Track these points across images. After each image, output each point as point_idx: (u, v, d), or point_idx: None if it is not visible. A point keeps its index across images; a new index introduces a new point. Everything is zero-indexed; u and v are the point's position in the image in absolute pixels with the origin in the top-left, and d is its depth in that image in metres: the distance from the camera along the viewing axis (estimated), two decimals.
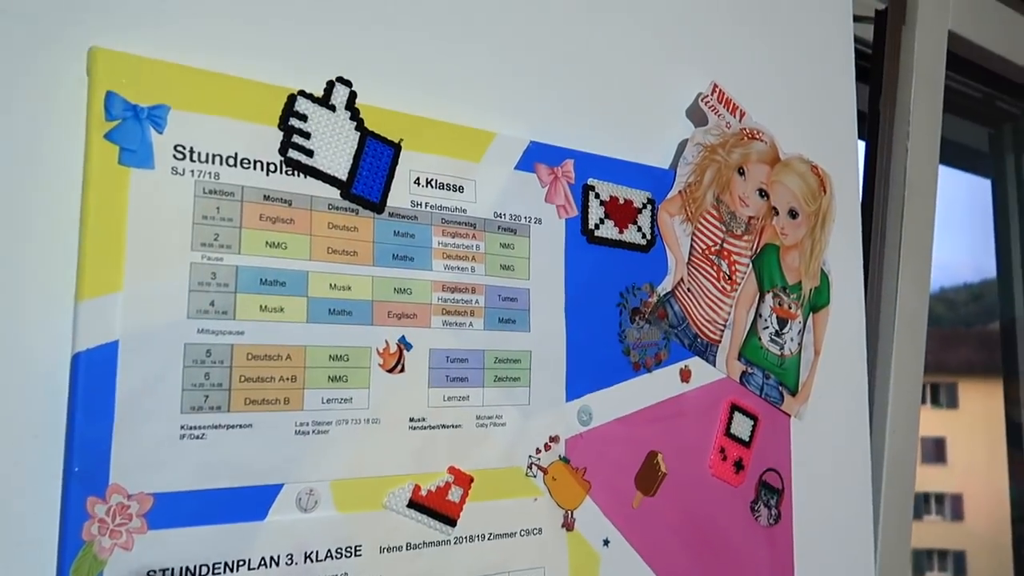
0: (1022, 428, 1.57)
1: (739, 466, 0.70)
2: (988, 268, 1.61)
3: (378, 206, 0.52)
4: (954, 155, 1.58)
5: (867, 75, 1.03)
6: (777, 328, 0.74)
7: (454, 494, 0.53)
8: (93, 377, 0.42)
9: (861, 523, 0.80)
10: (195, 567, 0.44)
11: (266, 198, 0.48)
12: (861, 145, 1.01)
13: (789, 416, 0.74)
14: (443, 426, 0.53)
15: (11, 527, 0.41)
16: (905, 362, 0.91)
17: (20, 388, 0.41)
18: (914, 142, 0.97)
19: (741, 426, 0.70)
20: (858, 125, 0.86)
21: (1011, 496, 1.62)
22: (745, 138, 0.73)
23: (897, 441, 0.90)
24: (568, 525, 0.59)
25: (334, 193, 0.51)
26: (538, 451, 0.58)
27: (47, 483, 0.41)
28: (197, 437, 0.44)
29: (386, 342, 0.51)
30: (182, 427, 0.44)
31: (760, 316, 0.73)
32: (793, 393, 0.75)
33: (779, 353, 0.74)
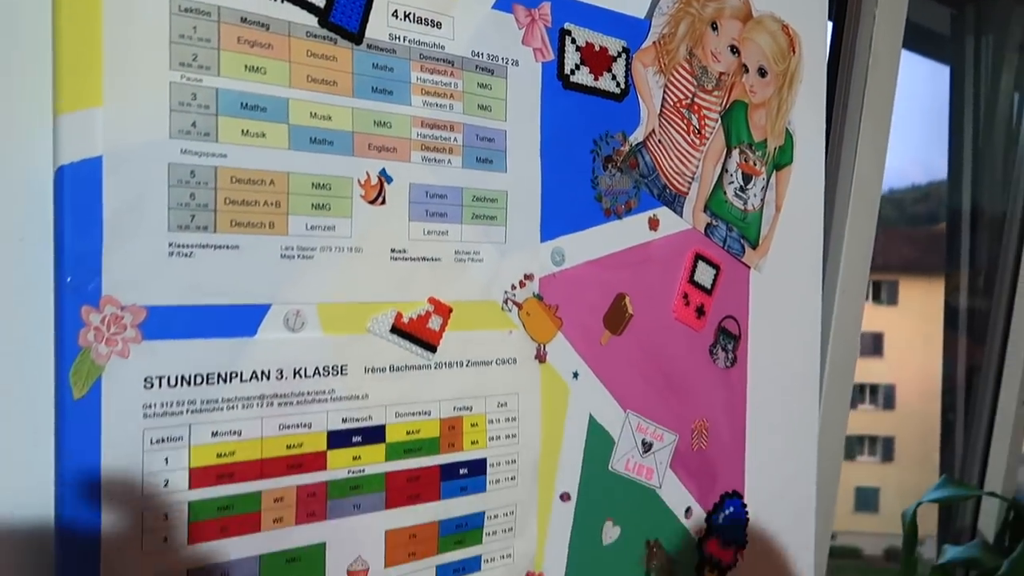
0: (958, 312, 1.66)
1: (700, 312, 0.74)
2: (938, 169, 1.65)
3: (356, 36, 0.52)
4: (915, 38, 1.59)
5: None
6: (742, 183, 0.77)
7: (434, 323, 0.56)
8: (79, 190, 0.42)
9: (809, 370, 0.86)
10: (190, 376, 0.46)
11: (243, 20, 0.47)
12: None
13: (749, 268, 0.78)
14: (423, 258, 0.55)
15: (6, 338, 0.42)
16: (858, 225, 0.95)
17: (8, 202, 0.42)
18: (880, 14, 0.98)
19: (704, 274, 0.74)
20: None
21: (943, 372, 1.73)
22: None
23: (846, 294, 0.95)
24: (540, 357, 0.62)
25: (312, 20, 0.50)
26: (513, 287, 0.60)
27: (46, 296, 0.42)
28: (185, 255, 0.46)
29: (367, 174, 0.52)
30: (170, 244, 0.45)
31: (726, 171, 0.75)
32: (754, 246, 0.78)
33: (742, 208, 0.77)
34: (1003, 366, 1.48)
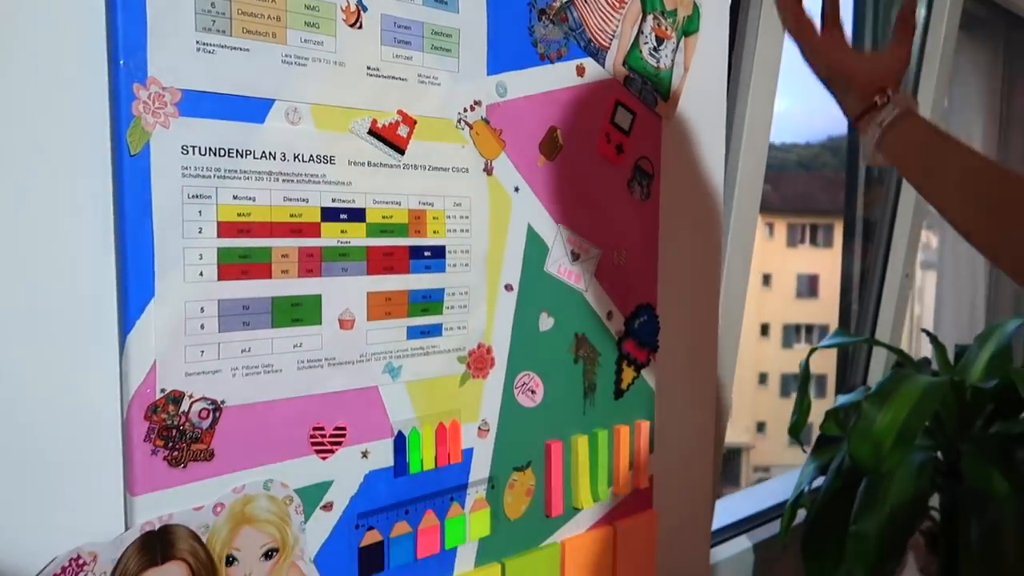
0: (856, 221, 1.88)
1: (620, 149, 0.89)
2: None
3: None
4: None
5: None
6: (655, 44, 0.91)
7: (402, 130, 0.70)
8: None
9: (714, 206, 1.03)
10: (216, 148, 0.59)
11: None
12: None
13: (661, 117, 0.93)
14: (393, 77, 0.68)
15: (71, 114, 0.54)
16: (760, 91, 1.12)
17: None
18: None
19: (623, 118, 0.89)
20: None
21: (841, 271, 1.95)
22: None
23: (750, 142, 1.12)
24: (488, 170, 0.76)
25: None
26: (465, 110, 0.74)
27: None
28: (209, 52, 0.58)
29: (347, 1, 0.65)
30: (197, 42, 0.57)
31: (642, 32, 0.90)
32: (665, 99, 0.93)
33: (656, 65, 0.92)
34: (890, 248, 1.70)
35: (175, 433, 0.58)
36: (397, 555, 0.73)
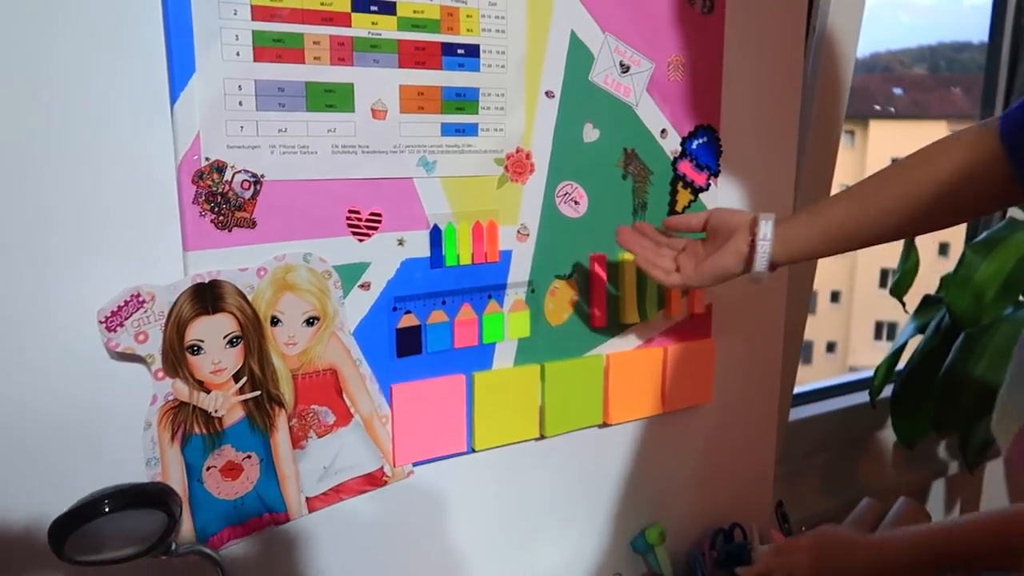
0: None
1: None
2: None
3: None
4: None
5: None
6: None
7: None
8: None
9: (792, 37, 0.97)
10: None
11: None
12: None
13: None
14: None
15: None
16: None
17: None
18: None
19: None
20: None
21: None
22: None
23: None
24: None
25: None
26: None
27: None
28: None
29: None
30: None
31: None
32: None
33: None
34: None
35: (220, 200, 0.66)
36: (435, 341, 0.78)
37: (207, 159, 0.65)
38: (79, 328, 0.62)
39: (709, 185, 0.94)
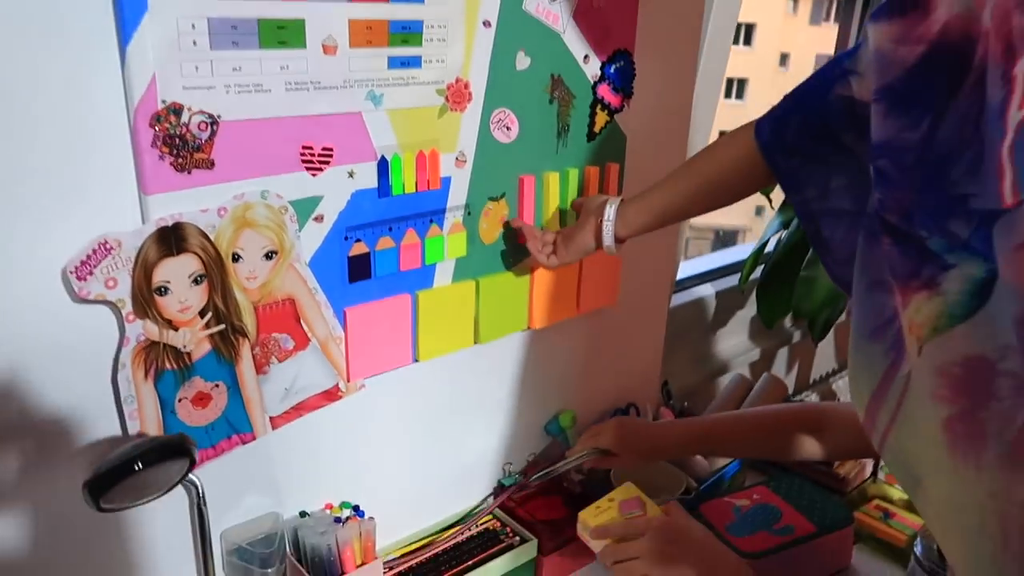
0: None
1: None
2: None
3: None
4: None
5: None
6: None
7: None
8: None
9: None
10: None
11: None
12: None
13: None
14: None
15: None
16: None
17: None
18: None
19: None
20: None
21: None
22: None
23: None
24: None
25: None
26: None
27: None
28: None
29: None
30: None
31: None
32: None
33: None
34: None
35: (178, 142, 0.65)
36: (382, 266, 0.83)
37: (163, 101, 0.64)
38: (43, 278, 0.62)
39: (623, 107, 1.01)
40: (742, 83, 12.11)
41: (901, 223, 0.49)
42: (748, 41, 12.05)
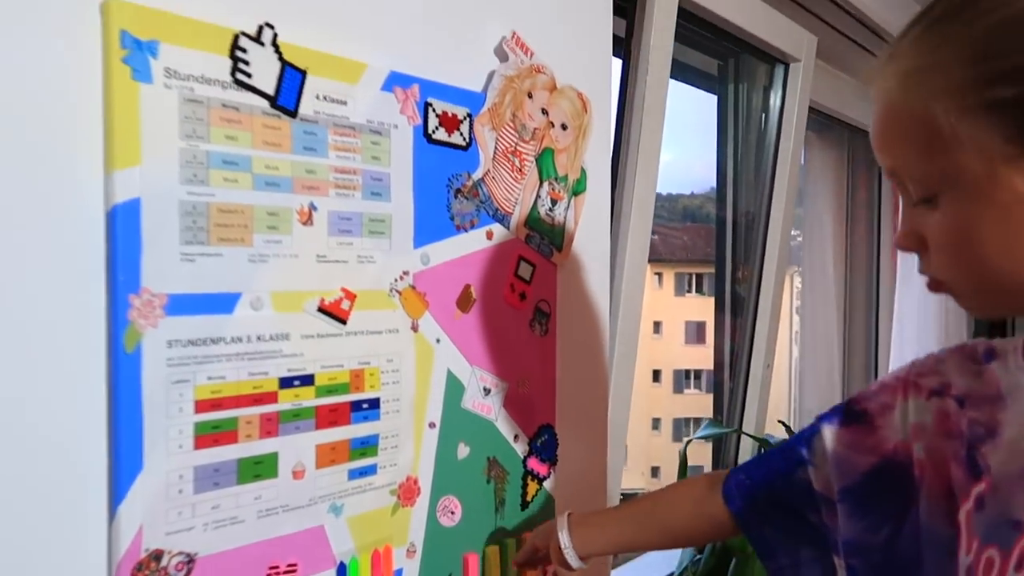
0: (725, 298, 2.09)
1: (523, 296, 1.05)
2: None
3: (293, 113, 0.78)
4: (694, 77, 2.02)
5: (624, 12, 1.37)
6: (550, 206, 1.09)
7: (345, 304, 0.83)
8: (127, 221, 0.66)
9: (601, 338, 1.20)
10: (194, 339, 0.70)
11: (223, 106, 0.72)
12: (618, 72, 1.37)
13: (556, 265, 1.10)
14: (337, 261, 0.82)
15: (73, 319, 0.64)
16: (637, 231, 1.31)
17: (69, 233, 0.64)
18: (650, 76, 1.34)
19: (525, 270, 1.05)
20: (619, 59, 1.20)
21: (714, 346, 2.17)
22: (533, 72, 1.04)
23: (629, 282, 1.31)
24: (414, 328, 0.90)
25: (266, 104, 0.75)
26: (396, 280, 0.88)
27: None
28: (190, 260, 0.70)
29: (301, 205, 0.78)
30: (181, 253, 0.69)
31: (539, 197, 1.07)
32: (560, 250, 1.10)
33: (551, 223, 1.09)
34: (754, 339, 1.94)
35: None
36: None
37: (147, 550, 0.67)
38: None
39: (550, 473, 1.11)
40: None
41: None
42: None
